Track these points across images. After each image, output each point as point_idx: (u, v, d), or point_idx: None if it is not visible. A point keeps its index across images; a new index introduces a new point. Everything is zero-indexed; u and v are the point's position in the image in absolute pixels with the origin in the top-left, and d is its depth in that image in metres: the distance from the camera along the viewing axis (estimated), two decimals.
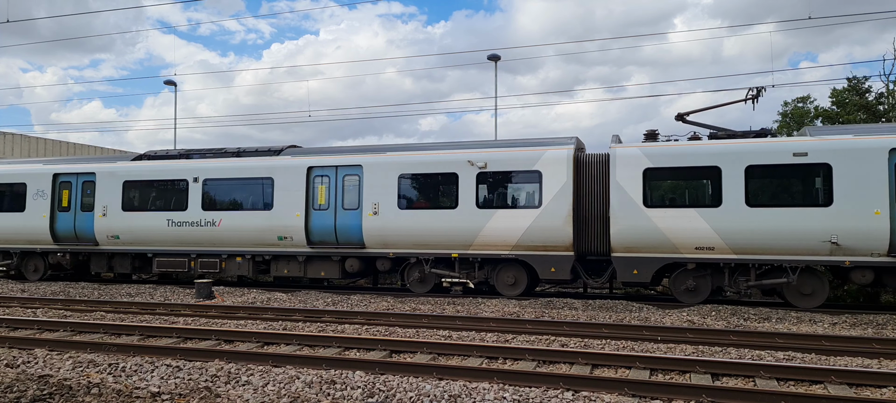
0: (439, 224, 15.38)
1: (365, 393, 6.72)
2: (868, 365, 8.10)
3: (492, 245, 15.02)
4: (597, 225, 14.78)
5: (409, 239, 15.61)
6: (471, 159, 15.24)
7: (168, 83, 37.22)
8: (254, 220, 16.91)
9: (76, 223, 18.61)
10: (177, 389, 6.80)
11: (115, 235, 18.18)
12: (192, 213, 17.41)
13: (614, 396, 6.61)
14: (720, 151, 13.56)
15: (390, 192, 15.79)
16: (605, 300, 14.37)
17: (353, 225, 16.12)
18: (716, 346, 9.31)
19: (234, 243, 17.16)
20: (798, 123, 26.28)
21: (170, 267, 17.87)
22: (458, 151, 15.68)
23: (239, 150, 17.84)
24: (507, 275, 15.29)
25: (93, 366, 7.89)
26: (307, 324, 11.32)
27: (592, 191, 14.90)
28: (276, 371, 7.62)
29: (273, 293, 15.98)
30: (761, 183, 13.49)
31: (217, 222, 17.18)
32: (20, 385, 6.61)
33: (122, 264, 18.54)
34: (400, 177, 15.84)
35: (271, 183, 16.80)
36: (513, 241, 14.83)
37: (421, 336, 10.09)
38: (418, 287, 15.94)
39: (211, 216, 17.26)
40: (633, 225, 13.83)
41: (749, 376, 7.49)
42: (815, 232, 12.80)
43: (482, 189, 15.27)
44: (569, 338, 9.99)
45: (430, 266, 15.65)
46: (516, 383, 7.09)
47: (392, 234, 15.75)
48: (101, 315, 12.72)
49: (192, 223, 17.39)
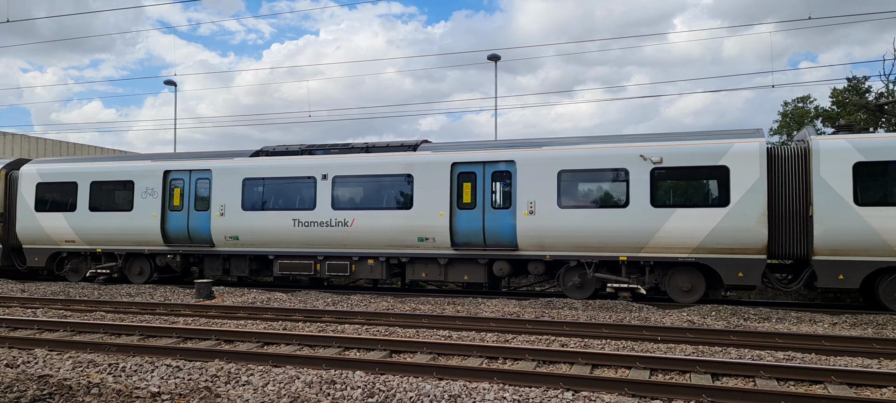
0: (607, 224, 14.25)
1: (365, 393, 6.72)
2: (868, 365, 8.10)
3: (669, 247, 13.87)
4: (796, 225, 13.45)
5: (570, 240, 14.50)
6: (643, 154, 14.13)
7: (168, 83, 37.23)
8: (390, 220, 15.82)
9: (190, 223, 17.67)
10: (177, 389, 6.80)
11: (233, 236, 17.13)
12: (320, 213, 16.36)
13: (614, 396, 6.62)
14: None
15: (549, 190, 14.60)
16: (605, 300, 14.37)
17: (505, 225, 15.04)
18: (716, 346, 9.31)
19: (366, 244, 16.11)
20: (798, 123, 26.29)
21: (293, 271, 16.91)
22: (628, 144, 14.47)
23: (368, 146, 16.86)
24: (683, 280, 14.07)
25: (93, 366, 7.89)
26: (307, 324, 11.33)
27: (788, 189, 13.57)
28: (276, 371, 7.62)
29: (273, 293, 15.98)
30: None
31: (349, 222, 16.11)
32: (20, 385, 6.61)
33: (240, 267, 17.54)
34: (560, 172, 14.62)
35: (411, 180, 15.73)
36: (695, 243, 13.63)
37: (421, 336, 10.09)
38: (576, 293, 14.76)
39: (342, 215, 16.19)
40: (842, 225, 12.73)
41: (749, 376, 7.49)
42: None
43: (659, 186, 14.18)
44: (569, 338, 9.99)
45: (593, 270, 14.54)
46: (516, 383, 7.09)
47: (550, 235, 14.62)
48: (101, 315, 12.72)
49: (321, 223, 16.32)
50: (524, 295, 15.07)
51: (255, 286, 18.34)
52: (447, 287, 17.60)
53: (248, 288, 17.22)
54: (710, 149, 13.73)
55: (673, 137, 14.67)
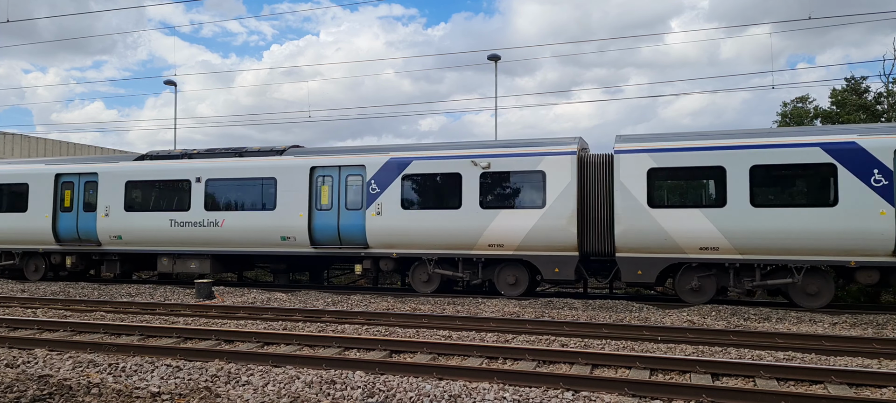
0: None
1: (365, 393, 6.72)
2: (868, 365, 8.10)
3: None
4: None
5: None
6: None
7: (168, 83, 37.21)
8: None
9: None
10: (177, 389, 6.80)
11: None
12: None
13: (614, 396, 6.61)
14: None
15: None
16: (605, 300, 14.36)
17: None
18: (716, 346, 9.31)
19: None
20: (798, 123, 26.28)
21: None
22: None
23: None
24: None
25: (93, 366, 7.89)
26: (307, 324, 11.32)
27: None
28: (276, 371, 7.61)
29: (273, 293, 15.98)
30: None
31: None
32: (20, 385, 6.61)
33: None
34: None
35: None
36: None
37: (421, 336, 10.09)
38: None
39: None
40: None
41: (749, 376, 7.49)
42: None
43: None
44: (569, 338, 9.99)
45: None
46: (516, 383, 7.09)
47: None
48: (101, 315, 12.72)
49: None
50: (524, 295, 15.10)
51: (255, 286, 18.34)
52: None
53: (248, 288, 17.23)
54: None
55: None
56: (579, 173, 14.76)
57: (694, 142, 13.97)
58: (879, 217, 12.49)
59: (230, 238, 17.10)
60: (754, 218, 13.14)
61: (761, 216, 13.13)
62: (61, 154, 37.71)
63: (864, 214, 12.54)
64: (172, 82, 37.09)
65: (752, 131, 14.18)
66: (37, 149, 37.27)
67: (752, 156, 13.37)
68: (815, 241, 12.86)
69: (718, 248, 13.45)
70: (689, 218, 13.65)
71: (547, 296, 15.45)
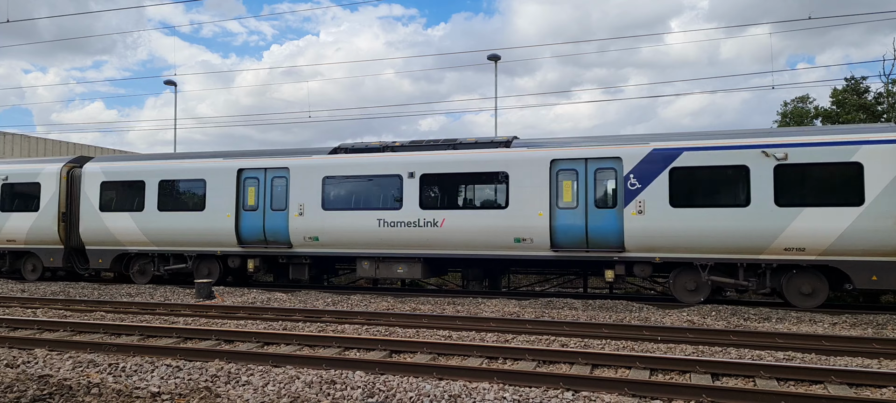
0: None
1: (365, 393, 6.72)
2: (868, 365, 8.10)
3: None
4: None
5: None
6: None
7: (168, 83, 37.23)
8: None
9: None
10: (177, 389, 6.80)
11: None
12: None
13: (614, 396, 6.61)
14: None
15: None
16: (605, 300, 14.36)
17: None
18: (716, 346, 9.31)
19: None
20: (798, 123, 26.29)
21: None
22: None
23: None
24: None
25: (93, 366, 7.89)
26: (307, 324, 11.32)
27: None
28: (276, 371, 7.62)
29: (273, 293, 15.97)
30: None
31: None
32: (20, 385, 6.61)
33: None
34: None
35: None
36: None
37: (421, 336, 10.09)
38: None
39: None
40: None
41: (749, 376, 7.49)
42: None
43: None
44: (569, 338, 9.99)
45: None
46: (516, 383, 7.08)
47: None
48: (101, 315, 12.72)
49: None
50: (524, 295, 15.08)
51: (255, 286, 18.33)
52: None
53: (248, 288, 17.21)
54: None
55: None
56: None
57: None
58: None
59: (450, 239, 15.31)
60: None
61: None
62: (62, 154, 37.72)
63: None
64: (172, 82, 37.12)
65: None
66: (37, 148, 37.29)
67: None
68: None
69: None
70: None
71: (547, 296, 15.44)
